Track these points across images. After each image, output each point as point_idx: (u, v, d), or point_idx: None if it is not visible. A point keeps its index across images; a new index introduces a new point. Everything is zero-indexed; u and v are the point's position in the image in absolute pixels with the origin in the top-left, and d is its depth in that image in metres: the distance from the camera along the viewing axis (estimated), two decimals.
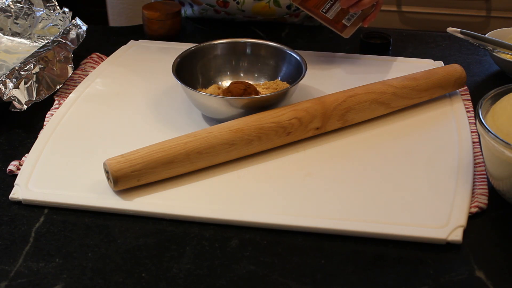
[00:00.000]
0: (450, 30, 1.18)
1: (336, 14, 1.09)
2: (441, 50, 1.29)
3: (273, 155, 0.97)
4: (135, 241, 0.83)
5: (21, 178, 0.91)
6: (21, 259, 0.80)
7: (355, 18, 1.10)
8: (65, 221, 0.86)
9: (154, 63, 1.22)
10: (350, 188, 0.90)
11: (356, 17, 1.09)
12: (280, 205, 0.87)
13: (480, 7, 2.29)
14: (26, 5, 1.27)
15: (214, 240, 0.83)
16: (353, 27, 1.11)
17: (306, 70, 1.04)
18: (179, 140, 0.91)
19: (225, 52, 1.12)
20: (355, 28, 1.12)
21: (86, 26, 1.19)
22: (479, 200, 0.88)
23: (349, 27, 1.11)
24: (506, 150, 0.82)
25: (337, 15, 1.09)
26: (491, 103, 0.90)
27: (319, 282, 0.77)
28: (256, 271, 0.78)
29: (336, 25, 1.11)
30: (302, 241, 0.83)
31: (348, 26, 1.11)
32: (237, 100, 0.98)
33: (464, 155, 0.96)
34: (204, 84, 1.10)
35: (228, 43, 1.12)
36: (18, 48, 1.26)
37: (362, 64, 1.21)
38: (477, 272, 0.79)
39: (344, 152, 0.98)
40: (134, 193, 0.88)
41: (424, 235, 0.82)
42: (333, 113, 0.99)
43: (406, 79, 1.06)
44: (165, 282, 0.77)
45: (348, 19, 1.09)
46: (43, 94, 1.07)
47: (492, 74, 1.21)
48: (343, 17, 1.09)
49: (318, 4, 1.08)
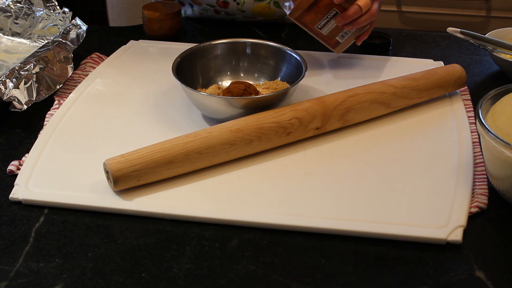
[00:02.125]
0: (450, 30, 1.18)
1: (331, 31, 1.11)
2: (441, 50, 1.29)
3: (273, 155, 0.97)
4: (135, 241, 0.83)
5: (21, 178, 0.91)
6: (21, 259, 0.80)
7: (349, 35, 1.12)
8: (65, 221, 0.86)
9: (154, 63, 1.21)
10: (350, 188, 0.90)
11: (349, 34, 1.12)
12: (280, 205, 0.87)
13: (480, 7, 2.29)
14: (26, 5, 1.27)
15: (214, 240, 0.83)
16: (346, 44, 1.14)
17: (306, 70, 1.04)
18: (179, 140, 0.91)
19: (225, 52, 1.12)
20: (348, 45, 1.14)
21: (86, 26, 1.19)
22: (479, 200, 0.88)
23: (342, 43, 1.14)
24: (506, 150, 0.82)
25: (331, 31, 1.11)
26: (491, 103, 0.90)
27: (319, 282, 0.77)
28: (256, 271, 0.78)
29: (330, 41, 1.13)
30: (302, 241, 0.83)
31: (341, 42, 1.13)
32: (237, 100, 0.98)
33: (464, 155, 0.96)
34: (204, 84, 1.10)
35: (228, 43, 1.12)
36: (18, 48, 1.26)
37: (362, 64, 1.21)
38: (477, 272, 0.78)
39: (344, 152, 0.98)
40: (134, 193, 0.88)
41: (424, 235, 0.82)
42: (333, 113, 0.99)
43: (406, 79, 1.06)
44: (165, 282, 0.77)
45: (341, 36, 1.12)
46: (43, 94, 1.07)
47: (492, 74, 1.21)
48: (337, 33, 1.11)
49: (314, 20, 1.10)
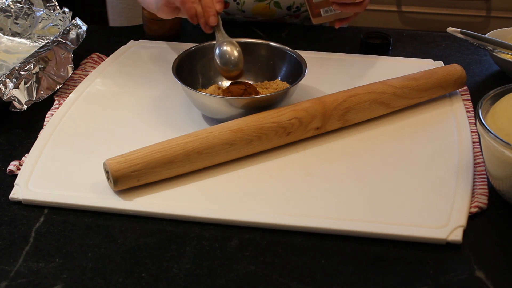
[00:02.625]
0: (450, 30, 1.18)
1: (321, 2, 1.14)
2: (441, 50, 1.29)
3: (273, 155, 0.97)
4: (135, 241, 0.83)
5: (21, 178, 0.91)
6: (21, 259, 0.80)
7: (332, 13, 1.15)
8: (65, 221, 0.86)
9: (154, 63, 1.21)
10: (350, 188, 0.90)
11: (332, 13, 1.15)
12: (280, 205, 0.87)
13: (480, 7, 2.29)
14: (26, 5, 1.27)
15: (214, 240, 0.83)
16: (325, 19, 1.17)
17: (306, 70, 1.04)
18: (179, 140, 0.91)
19: None
20: (326, 21, 1.18)
21: (86, 26, 1.19)
22: (479, 200, 0.88)
23: (322, 17, 1.16)
24: (506, 150, 0.82)
25: (321, 2, 1.14)
26: (491, 103, 0.90)
27: (319, 282, 0.77)
28: (256, 271, 0.78)
29: (314, 9, 1.16)
30: (302, 241, 0.83)
31: (321, 16, 1.16)
32: (237, 100, 0.97)
33: (464, 155, 0.96)
34: (204, 84, 1.10)
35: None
36: (18, 48, 1.26)
37: (362, 64, 1.21)
38: (477, 272, 0.78)
39: (344, 152, 0.98)
40: (134, 193, 0.88)
41: (424, 235, 0.82)
42: (333, 113, 0.99)
43: (406, 79, 1.06)
44: (165, 282, 0.77)
45: (326, 10, 1.15)
46: (43, 94, 1.07)
47: (492, 74, 1.21)
48: (323, 6, 1.15)
49: None
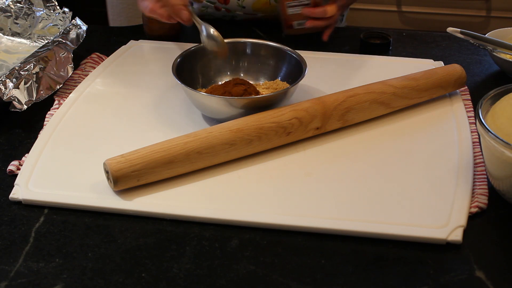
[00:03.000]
0: (450, 30, 1.18)
1: (294, 14, 1.20)
2: (441, 50, 1.29)
3: (273, 155, 0.97)
4: (135, 241, 0.83)
5: (21, 178, 0.91)
6: (21, 259, 0.80)
7: (303, 27, 1.21)
8: (65, 221, 0.86)
9: (154, 63, 1.21)
10: (350, 188, 0.90)
11: (303, 26, 1.21)
12: (280, 205, 0.87)
13: (480, 7, 2.29)
14: (26, 5, 1.27)
15: (214, 240, 0.83)
16: (296, 32, 1.23)
17: (306, 70, 1.04)
18: (179, 140, 0.91)
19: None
20: (296, 33, 1.23)
21: (86, 26, 1.19)
22: (479, 200, 0.88)
23: (294, 29, 1.22)
24: (506, 150, 0.81)
25: (294, 15, 1.20)
26: (491, 103, 0.90)
27: (319, 282, 0.77)
28: (256, 271, 0.78)
29: (287, 22, 1.21)
30: (302, 241, 0.83)
31: (293, 28, 1.22)
32: (237, 100, 0.97)
33: (464, 155, 0.96)
34: (204, 84, 1.10)
35: (228, 43, 1.12)
36: (18, 48, 1.26)
37: (362, 64, 1.21)
38: (477, 272, 0.78)
39: (344, 152, 0.98)
40: (134, 193, 0.88)
41: (424, 235, 0.82)
42: (333, 113, 0.99)
43: (406, 79, 1.06)
44: (165, 282, 0.77)
45: (298, 23, 1.21)
46: (43, 94, 1.07)
47: (492, 74, 1.21)
48: (296, 19, 1.20)
49: None
